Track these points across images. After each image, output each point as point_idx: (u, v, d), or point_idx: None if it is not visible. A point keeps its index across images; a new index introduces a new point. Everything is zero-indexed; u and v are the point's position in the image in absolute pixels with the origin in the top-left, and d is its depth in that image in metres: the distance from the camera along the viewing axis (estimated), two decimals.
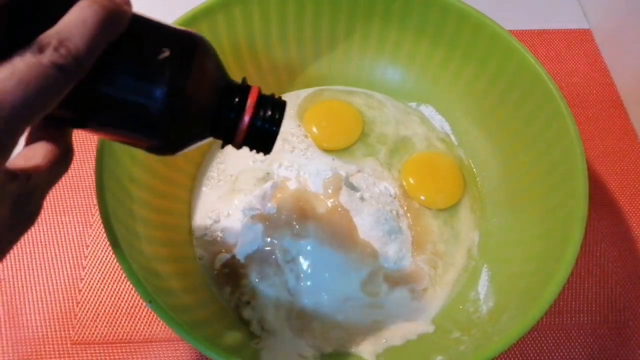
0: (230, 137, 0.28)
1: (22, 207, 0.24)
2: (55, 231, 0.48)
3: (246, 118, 0.28)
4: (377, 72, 0.53)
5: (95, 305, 0.45)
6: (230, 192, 0.48)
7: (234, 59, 0.48)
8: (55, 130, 0.26)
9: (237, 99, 0.28)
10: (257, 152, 0.30)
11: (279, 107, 0.29)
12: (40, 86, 0.21)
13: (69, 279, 0.46)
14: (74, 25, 0.21)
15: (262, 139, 0.29)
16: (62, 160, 0.26)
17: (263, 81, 0.50)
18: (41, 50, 0.21)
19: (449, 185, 0.49)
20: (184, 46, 0.25)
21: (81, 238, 0.48)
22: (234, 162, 0.49)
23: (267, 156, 0.47)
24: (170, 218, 0.45)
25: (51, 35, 0.21)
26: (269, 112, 0.28)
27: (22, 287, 0.46)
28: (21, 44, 0.21)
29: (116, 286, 0.46)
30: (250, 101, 0.28)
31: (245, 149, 0.30)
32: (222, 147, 0.29)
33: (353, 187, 0.46)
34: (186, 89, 0.25)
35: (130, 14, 0.24)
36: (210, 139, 0.29)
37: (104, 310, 0.45)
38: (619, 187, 0.53)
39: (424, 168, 0.50)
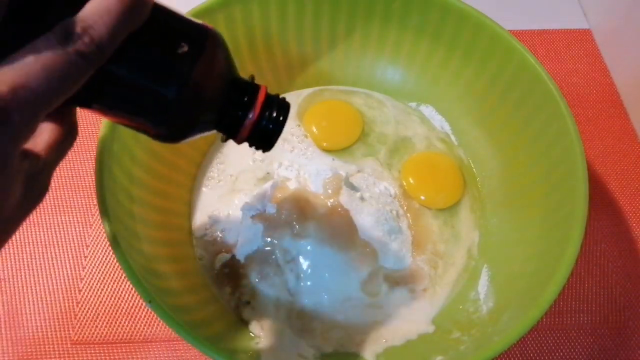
0: (233, 132, 0.29)
1: (33, 185, 0.24)
2: (55, 231, 0.48)
3: (252, 117, 0.28)
4: (377, 72, 0.53)
5: (95, 305, 0.45)
6: (230, 192, 0.48)
7: (234, 58, 0.48)
8: (61, 109, 0.26)
9: (245, 98, 0.28)
10: (257, 149, 0.30)
11: (284, 109, 0.30)
12: (62, 72, 0.21)
13: (69, 279, 0.46)
14: (97, 13, 0.22)
15: (265, 137, 0.30)
16: (66, 139, 0.26)
17: (263, 81, 0.49)
18: (66, 37, 0.21)
19: (449, 185, 0.49)
20: (201, 41, 0.25)
21: (81, 238, 0.48)
22: (234, 162, 0.49)
23: (267, 156, 0.48)
24: (170, 218, 0.45)
25: (76, 22, 0.21)
26: (274, 114, 0.29)
27: (22, 287, 0.46)
28: (44, 27, 0.21)
29: (116, 286, 0.46)
30: (258, 101, 0.28)
31: (244, 146, 0.30)
32: (224, 140, 0.30)
33: (353, 187, 0.46)
34: (199, 83, 0.25)
35: (152, 4, 0.24)
36: (212, 132, 0.29)
37: (104, 310, 0.45)
38: (619, 187, 0.53)
39: (423, 168, 0.49)
